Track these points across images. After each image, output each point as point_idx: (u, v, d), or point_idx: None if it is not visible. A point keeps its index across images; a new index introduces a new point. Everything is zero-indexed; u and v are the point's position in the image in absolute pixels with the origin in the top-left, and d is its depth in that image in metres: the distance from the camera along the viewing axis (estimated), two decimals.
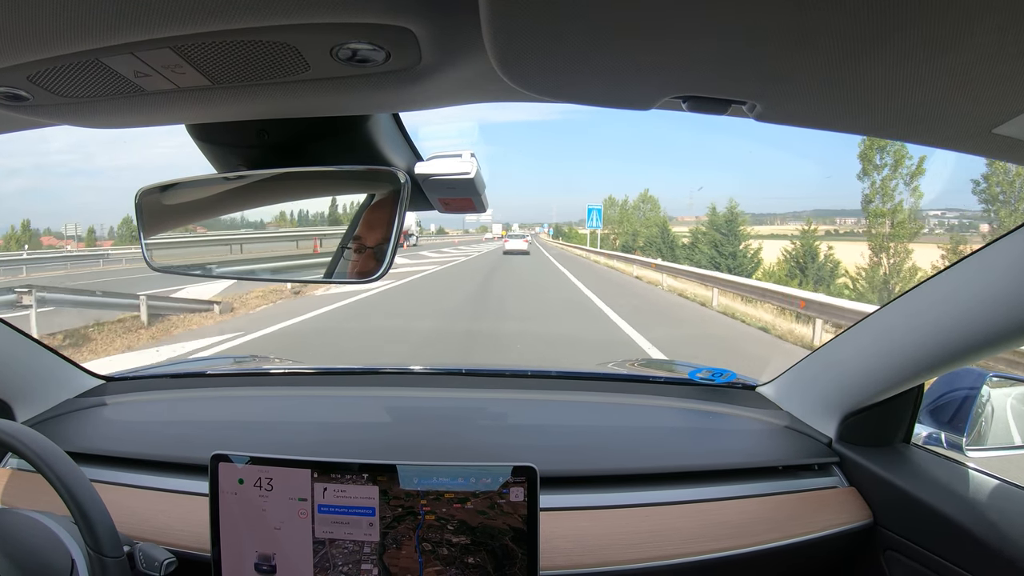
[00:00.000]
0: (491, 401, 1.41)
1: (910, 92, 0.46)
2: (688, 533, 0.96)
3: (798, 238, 28.20)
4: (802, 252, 27.51)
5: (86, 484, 0.77)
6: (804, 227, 28.86)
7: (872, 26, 0.37)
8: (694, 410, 1.35)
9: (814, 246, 27.49)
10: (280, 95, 0.62)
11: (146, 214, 0.86)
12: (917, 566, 0.94)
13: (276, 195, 0.88)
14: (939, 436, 1.06)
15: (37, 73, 0.55)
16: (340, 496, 0.84)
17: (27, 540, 0.76)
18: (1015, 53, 0.38)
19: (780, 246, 29.40)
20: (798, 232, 29.11)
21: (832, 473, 1.11)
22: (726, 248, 32.32)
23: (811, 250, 27.41)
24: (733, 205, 33.58)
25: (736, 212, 33.21)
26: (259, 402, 1.40)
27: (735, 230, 32.81)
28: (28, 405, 1.22)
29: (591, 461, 1.10)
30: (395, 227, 0.74)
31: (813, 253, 27.29)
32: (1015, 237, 0.74)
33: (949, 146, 0.58)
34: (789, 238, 29.90)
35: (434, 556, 0.84)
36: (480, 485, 0.84)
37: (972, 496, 0.93)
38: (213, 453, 0.86)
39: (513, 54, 0.45)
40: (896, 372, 0.97)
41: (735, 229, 32.81)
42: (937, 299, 0.86)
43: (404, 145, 0.85)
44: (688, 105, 0.52)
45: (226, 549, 0.86)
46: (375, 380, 1.49)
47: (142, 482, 1.04)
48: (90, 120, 0.70)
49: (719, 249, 32.36)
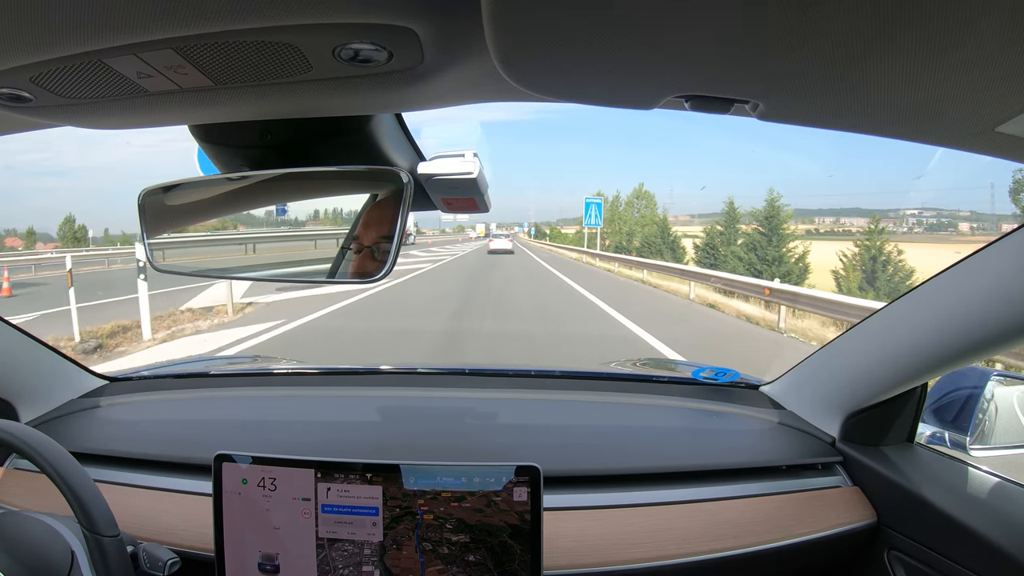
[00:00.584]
0: (494, 401, 1.41)
1: (913, 91, 0.46)
2: (692, 533, 0.96)
3: (863, 238, 22.78)
4: (867, 257, 22.09)
5: (76, 467, 0.77)
6: (870, 225, 23.35)
7: (875, 25, 0.37)
8: (697, 409, 1.35)
9: (882, 249, 21.98)
10: (282, 95, 0.62)
11: (149, 215, 0.86)
12: (921, 566, 0.94)
13: (279, 195, 0.88)
14: (943, 435, 1.05)
15: (40, 74, 0.55)
16: (344, 496, 0.85)
17: (28, 537, 0.77)
18: (1019, 51, 0.38)
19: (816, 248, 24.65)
20: (801, 231, 25.24)
21: (836, 472, 1.11)
22: (767, 252, 25.82)
23: (879, 255, 21.89)
24: (775, 197, 26.80)
25: (777, 206, 26.66)
26: (262, 402, 1.41)
27: (778, 229, 26.31)
28: (32, 405, 1.22)
29: (594, 461, 1.10)
30: (398, 227, 0.74)
31: (883, 259, 21.78)
32: (1017, 236, 0.74)
33: (952, 145, 0.58)
34: (811, 237, 25.65)
35: (435, 555, 0.84)
36: (483, 485, 0.84)
37: (976, 495, 0.93)
38: (216, 453, 0.86)
39: (515, 54, 0.45)
40: (899, 371, 0.97)
41: (778, 228, 26.33)
42: (940, 298, 0.86)
43: (407, 145, 0.85)
44: (691, 104, 0.52)
45: (229, 549, 0.86)
46: (378, 380, 1.49)
47: (146, 482, 1.04)
48: (92, 121, 0.71)
49: (758, 253, 25.94)
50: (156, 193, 0.86)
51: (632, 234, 39.29)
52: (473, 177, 0.81)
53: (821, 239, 29.31)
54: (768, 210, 26.68)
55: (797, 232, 28.01)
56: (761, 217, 26.80)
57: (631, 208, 42.14)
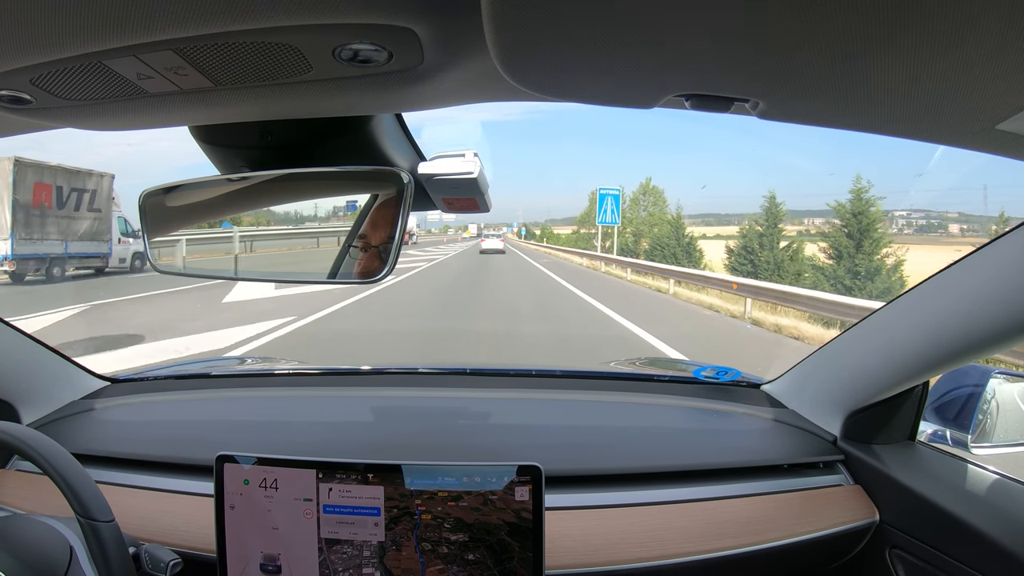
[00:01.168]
0: (496, 401, 1.41)
1: (913, 89, 0.46)
2: (693, 532, 0.96)
3: None
4: None
5: (66, 455, 0.78)
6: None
7: (875, 24, 0.37)
8: (699, 408, 1.35)
9: None
10: (283, 96, 0.62)
11: (150, 216, 0.86)
12: (923, 564, 0.94)
13: (279, 196, 0.89)
14: (944, 433, 1.05)
15: (40, 76, 0.55)
16: (346, 496, 0.85)
17: (28, 537, 0.78)
18: (1019, 49, 0.38)
19: None
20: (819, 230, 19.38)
21: (837, 471, 1.11)
22: (861, 263, 18.97)
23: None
24: (862, 188, 19.63)
25: (867, 199, 19.64)
26: (263, 403, 1.41)
27: (871, 231, 19.41)
28: (33, 407, 1.22)
29: (596, 460, 1.10)
30: (399, 227, 0.74)
31: None
32: (1018, 234, 0.74)
33: (952, 143, 0.58)
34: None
35: (434, 555, 0.84)
36: (485, 485, 0.84)
37: (978, 493, 0.93)
38: (218, 454, 0.86)
39: (516, 54, 0.45)
40: (901, 369, 0.97)
41: (871, 230, 19.41)
42: (941, 296, 0.86)
43: (407, 145, 0.85)
44: (691, 103, 0.52)
45: (231, 550, 0.86)
46: (379, 380, 1.49)
47: (147, 483, 1.05)
48: (92, 123, 0.71)
49: (845, 262, 19.14)
50: (157, 194, 0.86)
51: (640, 235, 34.31)
52: (474, 177, 0.81)
53: None
54: (856, 205, 19.57)
55: (886, 234, 20.89)
56: (847, 214, 19.81)
57: (636, 206, 36.36)
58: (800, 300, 9.13)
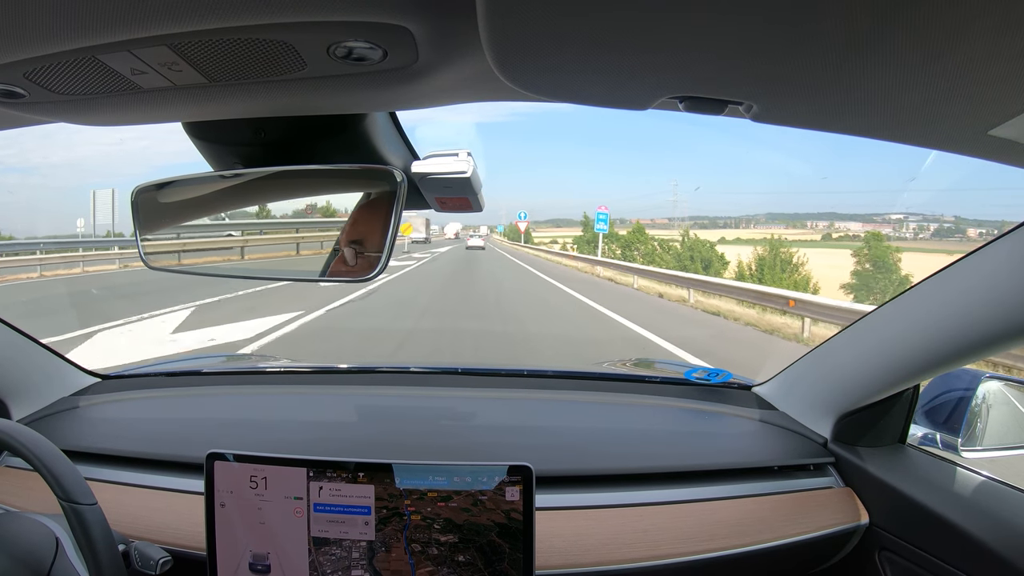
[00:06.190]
0: (487, 400, 1.41)
1: (906, 94, 0.46)
2: (684, 533, 0.96)
3: None
4: None
5: (45, 442, 0.79)
6: None
7: (868, 29, 0.37)
8: (690, 410, 1.35)
9: None
10: (277, 93, 0.62)
11: (142, 212, 0.86)
12: (912, 566, 0.94)
13: (273, 193, 0.88)
14: (934, 437, 1.06)
15: (34, 70, 0.54)
16: (336, 495, 0.84)
17: (14, 532, 0.78)
18: (1011, 55, 0.38)
19: None
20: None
21: (828, 473, 1.12)
22: None
23: None
24: None
25: None
26: (254, 400, 1.40)
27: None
28: (24, 403, 1.21)
29: (587, 461, 1.11)
30: (391, 226, 0.74)
31: None
32: (1012, 238, 0.74)
33: (945, 148, 0.59)
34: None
35: (424, 556, 0.84)
36: (476, 484, 0.84)
37: (967, 496, 0.94)
38: (208, 451, 0.86)
39: (510, 54, 0.45)
40: (892, 372, 0.97)
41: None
42: (933, 300, 0.87)
43: (401, 144, 0.85)
44: (685, 105, 0.52)
45: (221, 548, 0.85)
46: (371, 379, 1.49)
47: (137, 480, 1.04)
48: (86, 118, 0.70)
49: None
50: (149, 191, 0.85)
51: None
52: (467, 176, 0.81)
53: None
54: None
55: None
56: None
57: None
58: None
